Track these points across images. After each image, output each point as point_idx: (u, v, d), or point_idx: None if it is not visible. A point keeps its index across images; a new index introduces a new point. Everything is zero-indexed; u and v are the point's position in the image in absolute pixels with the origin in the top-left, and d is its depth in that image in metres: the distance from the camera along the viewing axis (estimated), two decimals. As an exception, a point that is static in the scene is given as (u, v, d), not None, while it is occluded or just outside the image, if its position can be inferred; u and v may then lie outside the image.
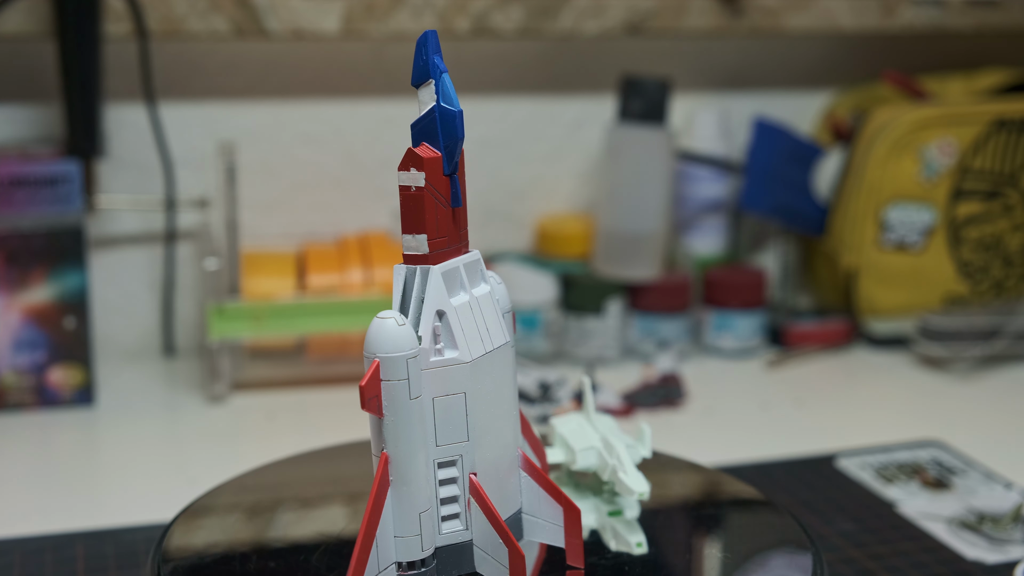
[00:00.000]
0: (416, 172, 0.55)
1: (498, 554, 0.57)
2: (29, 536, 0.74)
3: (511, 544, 0.56)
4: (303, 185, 1.11)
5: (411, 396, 0.54)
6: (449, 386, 0.56)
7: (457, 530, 0.57)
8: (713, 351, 1.10)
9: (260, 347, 1.00)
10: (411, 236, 0.56)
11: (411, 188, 0.55)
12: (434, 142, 0.56)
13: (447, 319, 0.56)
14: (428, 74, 0.55)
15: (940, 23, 1.18)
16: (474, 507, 0.57)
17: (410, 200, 0.55)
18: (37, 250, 0.93)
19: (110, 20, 0.98)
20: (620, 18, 1.09)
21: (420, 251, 0.56)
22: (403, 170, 0.55)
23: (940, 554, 0.73)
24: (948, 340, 1.04)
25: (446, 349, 0.56)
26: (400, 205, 0.56)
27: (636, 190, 1.06)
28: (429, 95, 0.55)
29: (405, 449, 0.55)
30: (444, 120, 0.55)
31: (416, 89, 0.56)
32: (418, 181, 0.55)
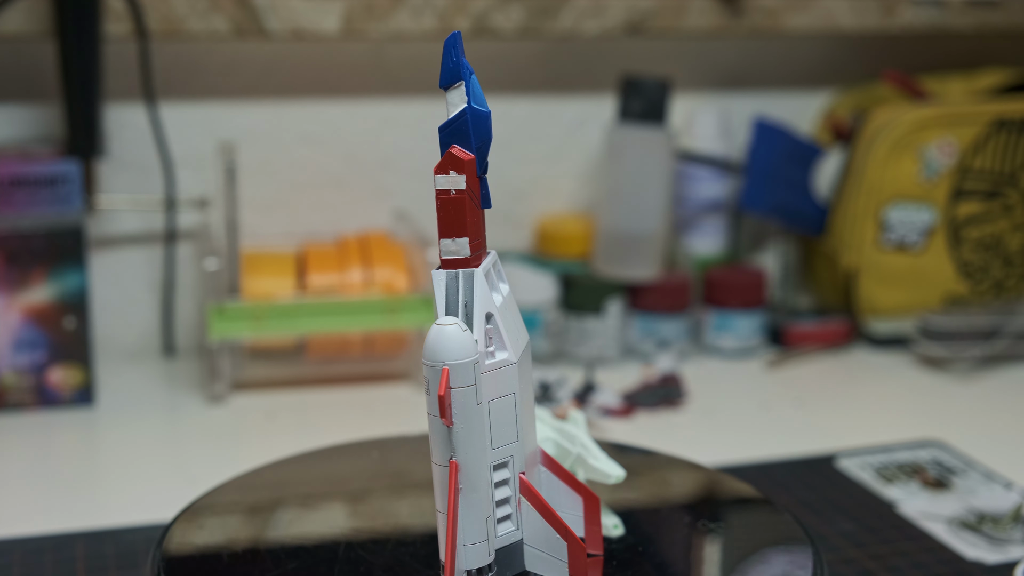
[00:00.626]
0: (456, 175, 0.54)
1: (553, 549, 0.56)
2: (29, 536, 0.74)
3: (570, 537, 0.56)
4: (303, 185, 1.11)
5: (477, 401, 0.54)
6: (501, 388, 0.56)
7: (510, 531, 0.57)
8: (713, 351, 1.10)
9: (260, 347, 1.00)
10: (451, 240, 0.55)
11: (451, 192, 0.55)
12: (466, 144, 0.55)
13: (495, 320, 0.56)
14: (459, 75, 0.54)
15: (940, 23, 1.18)
16: (524, 505, 0.57)
17: (451, 204, 0.55)
18: (37, 250, 0.93)
19: (110, 20, 0.98)
20: (620, 18, 1.09)
21: (461, 255, 0.55)
22: (442, 173, 0.54)
23: (940, 554, 0.73)
24: (948, 340, 1.04)
25: (497, 351, 0.56)
26: (438, 209, 0.55)
27: (636, 190, 1.06)
28: (460, 97, 0.55)
29: (474, 455, 0.54)
30: (476, 121, 0.55)
31: (444, 91, 0.55)
32: (459, 184, 0.54)
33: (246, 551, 0.63)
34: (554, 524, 0.56)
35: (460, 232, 0.55)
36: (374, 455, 0.75)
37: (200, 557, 0.62)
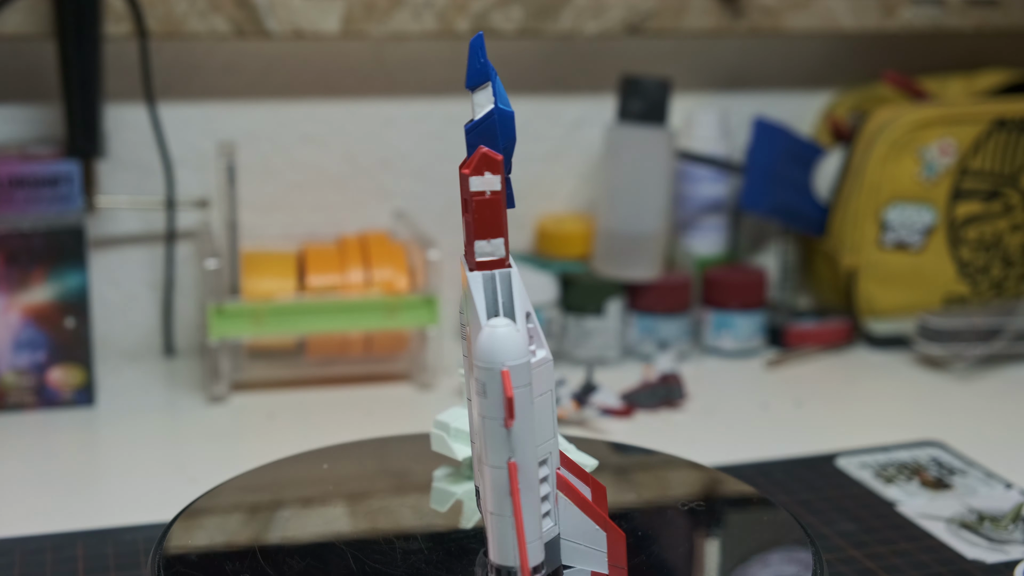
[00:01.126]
0: (491, 176, 0.54)
1: (591, 541, 0.56)
2: (29, 536, 0.74)
3: (610, 527, 0.56)
4: (303, 185, 1.11)
5: (532, 400, 0.54)
6: (543, 385, 0.56)
7: (549, 527, 0.57)
8: (713, 351, 1.10)
9: (260, 347, 1.00)
10: (486, 242, 0.55)
11: (486, 193, 0.54)
12: (493, 144, 0.54)
13: (532, 319, 0.55)
14: (486, 76, 0.54)
15: (940, 23, 1.18)
16: (561, 500, 0.57)
17: (486, 205, 0.54)
18: (37, 250, 0.93)
19: (110, 20, 0.98)
20: (620, 18, 1.09)
21: (496, 255, 0.55)
22: (476, 175, 0.54)
23: (940, 554, 0.73)
24: (948, 340, 1.04)
25: (537, 349, 0.56)
26: (473, 212, 0.54)
27: (636, 190, 1.06)
28: (487, 97, 0.54)
29: (530, 454, 0.54)
30: (503, 122, 0.54)
31: (471, 92, 0.54)
32: (494, 185, 0.54)
33: (246, 551, 0.63)
34: (593, 516, 0.56)
35: (496, 233, 0.55)
36: (374, 455, 0.75)
37: (200, 557, 0.62)
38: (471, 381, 0.55)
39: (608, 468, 0.76)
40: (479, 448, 0.55)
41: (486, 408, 0.53)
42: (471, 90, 0.54)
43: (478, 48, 0.54)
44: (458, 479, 0.69)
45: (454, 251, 1.13)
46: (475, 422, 0.56)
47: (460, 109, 1.13)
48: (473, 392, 0.55)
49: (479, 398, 0.53)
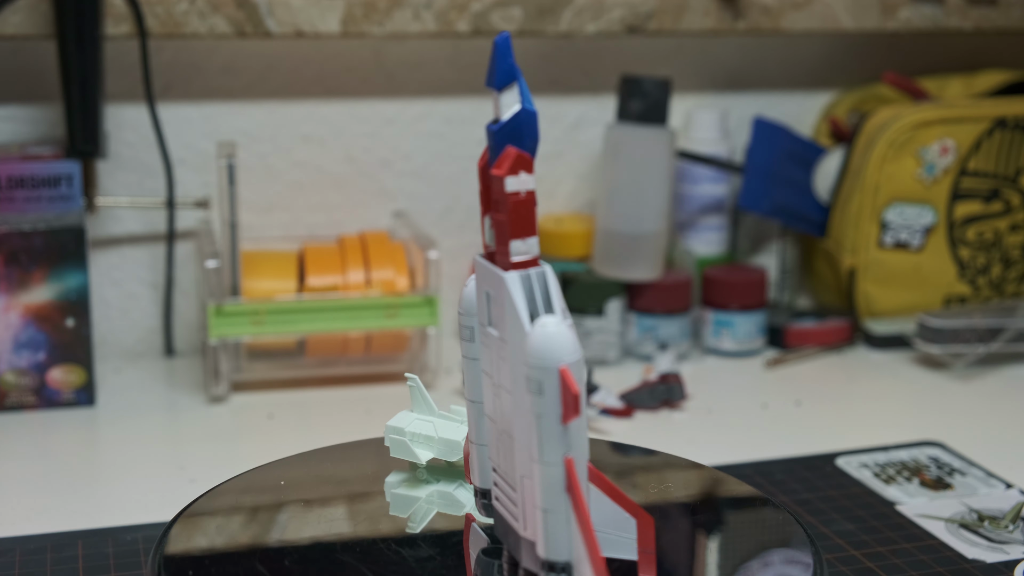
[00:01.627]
0: (525, 176, 0.54)
1: (620, 528, 0.56)
2: (29, 536, 0.74)
3: (640, 513, 0.56)
4: (303, 185, 1.11)
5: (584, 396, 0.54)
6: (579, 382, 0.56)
7: None
8: (713, 351, 1.10)
9: (260, 347, 1.00)
10: (521, 242, 0.54)
11: (521, 193, 0.54)
12: (520, 144, 0.54)
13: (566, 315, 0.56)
14: (513, 76, 0.54)
15: (940, 23, 1.18)
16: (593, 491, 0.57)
17: (522, 205, 0.54)
18: (37, 250, 0.93)
19: (110, 20, 0.98)
20: (620, 18, 1.10)
21: (531, 254, 0.54)
22: (512, 175, 0.53)
23: (940, 554, 0.73)
24: (948, 340, 1.04)
25: None
26: (509, 212, 0.54)
27: (636, 190, 1.06)
28: (514, 97, 0.54)
29: (583, 449, 0.54)
30: (529, 122, 0.55)
31: (498, 91, 0.54)
32: (529, 184, 0.54)
33: (246, 551, 0.63)
34: (623, 503, 0.56)
35: (530, 232, 0.54)
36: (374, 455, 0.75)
37: (200, 557, 0.62)
38: (521, 380, 0.54)
39: (608, 468, 0.76)
40: (528, 445, 0.54)
41: (541, 406, 0.52)
42: (497, 90, 0.54)
43: (506, 48, 0.54)
44: (415, 484, 0.69)
45: (454, 251, 1.13)
46: (511, 422, 0.56)
47: (460, 109, 1.13)
48: (522, 391, 0.54)
49: (533, 397, 0.53)
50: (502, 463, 0.58)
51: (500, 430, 0.57)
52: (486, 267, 0.56)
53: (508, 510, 0.58)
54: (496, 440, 0.58)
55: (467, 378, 0.60)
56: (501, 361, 0.56)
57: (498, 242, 0.55)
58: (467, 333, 0.59)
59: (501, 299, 0.55)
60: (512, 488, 0.57)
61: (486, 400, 0.59)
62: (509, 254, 0.54)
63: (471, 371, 0.59)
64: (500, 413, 0.57)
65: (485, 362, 0.58)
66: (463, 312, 0.59)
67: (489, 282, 0.56)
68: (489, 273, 0.56)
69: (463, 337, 0.60)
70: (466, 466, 0.63)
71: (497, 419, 0.57)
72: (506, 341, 0.55)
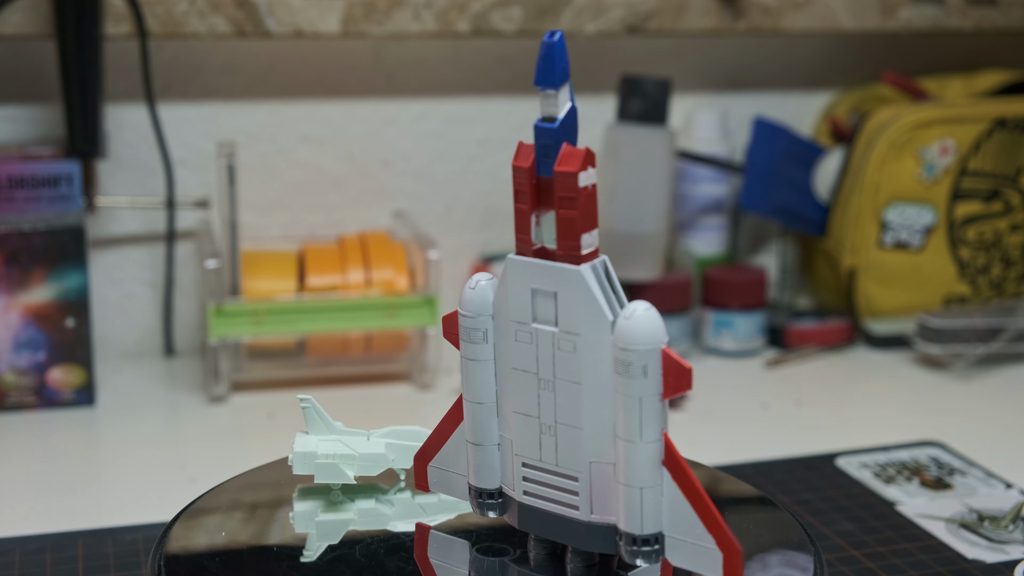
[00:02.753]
0: (591, 170, 0.55)
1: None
2: (29, 536, 0.74)
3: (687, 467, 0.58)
4: (303, 185, 1.11)
5: None
6: None
7: None
8: (713, 351, 1.10)
9: (260, 347, 1.00)
10: (589, 234, 0.55)
11: (590, 187, 0.55)
12: (573, 140, 0.55)
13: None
14: (567, 74, 0.55)
15: (940, 23, 1.18)
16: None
17: (591, 199, 0.55)
18: (37, 250, 0.93)
19: (110, 20, 0.98)
20: (620, 18, 1.10)
21: (594, 246, 0.56)
22: (583, 171, 0.54)
23: (940, 554, 0.73)
24: (948, 340, 1.04)
25: None
26: (581, 206, 0.55)
27: (636, 190, 1.06)
28: (566, 95, 0.55)
29: (667, 425, 0.56)
30: (576, 118, 0.56)
31: (554, 90, 0.55)
32: (594, 178, 0.55)
33: (246, 551, 0.63)
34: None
35: (595, 224, 0.55)
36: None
37: (200, 557, 0.62)
38: (604, 367, 0.55)
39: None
40: (616, 428, 0.55)
41: (644, 388, 0.54)
42: (556, 88, 0.55)
43: (562, 47, 0.54)
44: (332, 507, 0.67)
45: (454, 251, 1.13)
46: (575, 413, 0.57)
47: (460, 109, 1.13)
48: (605, 378, 0.55)
49: (634, 380, 0.54)
50: (548, 456, 0.58)
51: (545, 424, 0.58)
52: (538, 265, 0.56)
53: (553, 500, 0.58)
54: (537, 435, 0.58)
55: (470, 380, 0.60)
56: (559, 354, 0.56)
57: (564, 237, 0.55)
58: (478, 335, 0.59)
59: (570, 293, 0.55)
60: (570, 478, 0.57)
61: (517, 398, 0.58)
62: (580, 248, 0.55)
63: (478, 373, 0.59)
64: (547, 407, 0.57)
65: (522, 360, 0.58)
66: (471, 314, 0.59)
67: (544, 279, 0.56)
68: (544, 270, 0.56)
69: (470, 340, 0.59)
70: (417, 474, 0.63)
71: (541, 414, 0.58)
72: (576, 333, 0.55)
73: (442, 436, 0.62)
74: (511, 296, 0.57)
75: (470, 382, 0.59)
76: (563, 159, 0.55)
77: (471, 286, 0.59)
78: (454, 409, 0.61)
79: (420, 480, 0.63)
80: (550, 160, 0.55)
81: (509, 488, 0.60)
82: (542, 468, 0.59)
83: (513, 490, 0.60)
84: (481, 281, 0.59)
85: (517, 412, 0.59)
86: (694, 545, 0.56)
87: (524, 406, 0.58)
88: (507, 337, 0.58)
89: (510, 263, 0.57)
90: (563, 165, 0.54)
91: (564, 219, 0.55)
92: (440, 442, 0.62)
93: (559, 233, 0.55)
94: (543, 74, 0.55)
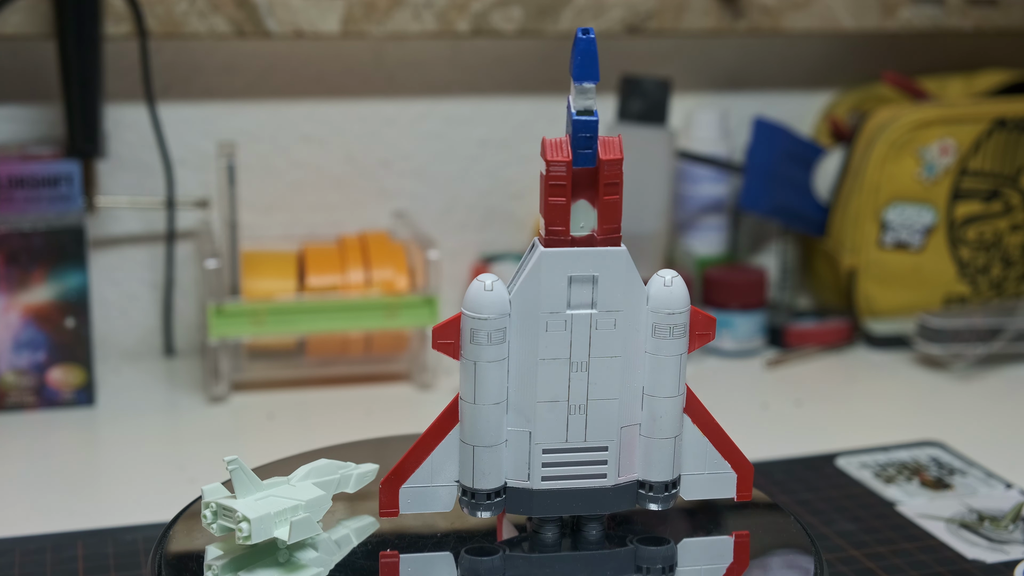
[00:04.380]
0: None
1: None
2: (29, 536, 0.74)
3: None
4: (303, 185, 1.11)
5: None
6: None
7: None
8: (713, 351, 1.10)
9: (260, 347, 1.00)
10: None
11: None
12: (597, 132, 0.58)
13: None
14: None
15: (940, 23, 1.18)
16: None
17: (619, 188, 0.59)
18: (37, 250, 0.93)
19: (110, 20, 0.98)
20: (620, 18, 1.10)
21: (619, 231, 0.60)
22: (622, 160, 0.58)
23: (940, 554, 0.73)
24: (948, 340, 1.04)
25: None
26: (622, 191, 0.59)
27: (636, 190, 1.06)
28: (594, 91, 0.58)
29: None
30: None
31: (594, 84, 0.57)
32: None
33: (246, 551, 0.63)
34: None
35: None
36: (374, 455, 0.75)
37: (200, 557, 0.62)
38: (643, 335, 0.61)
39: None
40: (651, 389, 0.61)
41: (680, 346, 0.62)
42: (594, 83, 0.57)
43: (595, 43, 0.56)
44: (292, 568, 0.60)
45: (454, 251, 1.13)
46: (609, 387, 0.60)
47: (460, 109, 1.13)
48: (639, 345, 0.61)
49: (674, 340, 0.61)
50: (576, 435, 0.61)
51: (575, 405, 0.60)
52: (579, 252, 0.59)
53: (577, 476, 0.61)
54: (564, 418, 0.60)
55: (485, 383, 0.59)
56: (597, 333, 0.60)
57: (607, 222, 0.59)
58: (498, 336, 0.59)
59: (611, 274, 0.60)
60: (599, 449, 0.61)
61: (545, 387, 0.60)
62: (620, 231, 0.59)
63: (494, 373, 0.59)
64: (579, 388, 0.60)
65: (552, 350, 0.59)
66: (493, 316, 0.59)
67: (584, 265, 0.59)
68: (585, 256, 0.59)
69: (488, 341, 0.59)
70: (386, 499, 0.61)
71: (572, 396, 0.60)
72: (617, 310, 0.60)
73: (421, 454, 0.61)
74: (544, 288, 0.59)
75: (485, 384, 0.59)
76: (606, 148, 0.58)
77: (487, 288, 0.59)
78: (438, 425, 0.61)
79: (389, 504, 0.61)
80: (590, 151, 0.58)
81: (520, 480, 0.61)
82: (568, 449, 0.60)
83: (528, 480, 0.61)
84: (495, 282, 0.59)
85: (544, 401, 0.60)
86: (709, 476, 0.63)
87: (552, 393, 0.60)
88: (535, 330, 0.59)
89: (545, 256, 0.59)
90: (609, 154, 0.58)
91: (609, 204, 0.58)
92: (418, 461, 0.61)
93: (602, 218, 0.59)
94: (584, 69, 0.57)
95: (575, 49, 0.56)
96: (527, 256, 0.60)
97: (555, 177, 0.58)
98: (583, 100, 0.57)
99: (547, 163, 0.58)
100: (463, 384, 0.60)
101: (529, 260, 0.59)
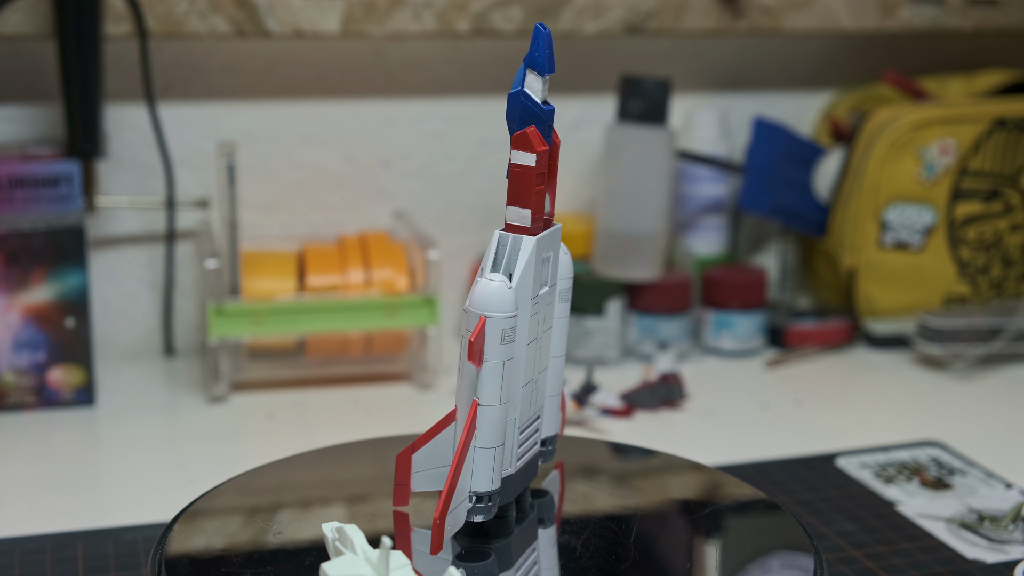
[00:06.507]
0: None
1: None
2: (29, 536, 0.74)
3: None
4: (303, 185, 1.11)
5: None
6: None
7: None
8: (713, 351, 1.10)
9: (260, 347, 1.00)
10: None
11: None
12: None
13: None
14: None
15: (940, 23, 1.18)
16: None
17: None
18: (37, 250, 0.94)
19: (110, 20, 0.98)
20: (620, 18, 1.10)
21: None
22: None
23: (940, 554, 0.73)
24: (948, 340, 1.04)
25: None
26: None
27: (636, 190, 1.06)
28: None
29: None
30: None
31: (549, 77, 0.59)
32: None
33: (246, 552, 0.63)
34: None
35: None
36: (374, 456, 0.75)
37: (200, 557, 0.62)
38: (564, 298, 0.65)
39: (608, 469, 0.76)
40: (556, 352, 0.65)
41: (567, 310, 0.66)
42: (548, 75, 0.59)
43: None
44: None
45: (454, 251, 1.13)
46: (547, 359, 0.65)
47: (460, 109, 1.13)
48: (553, 310, 0.64)
49: (566, 304, 0.65)
50: (529, 409, 0.63)
51: (530, 380, 0.63)
52: (548, 234, 0.62)
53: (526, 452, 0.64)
54: (530, 396, 0.63)
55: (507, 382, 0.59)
56: (547, 308, 0.63)
57: (552, 203, 0.62)
58: (521, 330, 0.61)
59: (557, 249, 0.63)
60: (536, 420, 0.65)
61: (529, 370, 0.62)
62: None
63: (511, 370, 0.59)
64: (534, 363, 0.63)
65: (533, 332, 0.62)
66: (508, 313, 0.59)
67: (550, 245, 0.62)
68: (550, 237, 0.62)
69: (513, 339, 0.59)
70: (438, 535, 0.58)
71: (534, 372, 0.63)
72: (555, 283, 0.63)
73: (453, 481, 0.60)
74: (533, 275, 0.61)
75: (510, 382, 0.60)
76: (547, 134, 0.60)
77: (509, 286, 0.58)
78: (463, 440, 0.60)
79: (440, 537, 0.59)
80: (548, 139, 0.60)
81: (505, 472, 0.62)
82: (527, 425, 0.64)
83: (511, 468, 0.62)
84: (505, 279, 0.59)
85: (524, 384, 0.62)
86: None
87: (529, 375, 0.62)
88: (525, 317, 0.61)
89: (533, 243, 0.60)
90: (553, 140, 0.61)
91: (551, 188, 0.62)
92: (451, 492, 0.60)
93: (552, 200, 0.62)
94: (548, 61, 0.59)
95: (543, 43, 0.58)
96: (508, 247, 0.60)
97: (540, 166, 0.60)
98: (544, 91, 0.59)
99: (537, 153, 0.59)
100: (487, 389, 0.59)
101: (517, 250, 0.60)
